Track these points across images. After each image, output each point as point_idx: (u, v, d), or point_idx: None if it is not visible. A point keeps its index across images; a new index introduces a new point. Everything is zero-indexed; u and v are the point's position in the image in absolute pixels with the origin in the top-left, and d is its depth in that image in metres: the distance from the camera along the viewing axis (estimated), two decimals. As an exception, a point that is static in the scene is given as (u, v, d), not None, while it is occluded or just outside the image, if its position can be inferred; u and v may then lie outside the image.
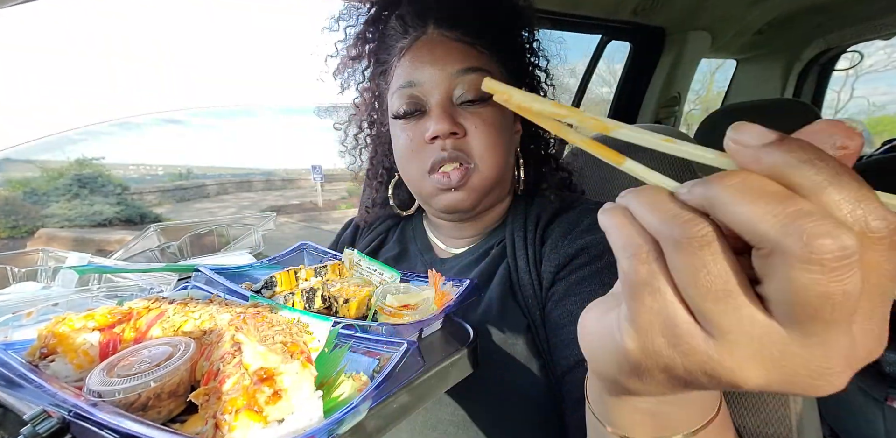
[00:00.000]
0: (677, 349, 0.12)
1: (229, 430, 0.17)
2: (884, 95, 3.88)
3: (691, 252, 0.11)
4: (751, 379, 0.12)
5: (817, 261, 0.09)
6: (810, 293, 0.10)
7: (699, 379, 0.12)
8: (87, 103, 29.59)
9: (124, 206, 5.63)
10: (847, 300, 0.10)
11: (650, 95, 1.28)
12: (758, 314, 0.11)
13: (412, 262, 0.47)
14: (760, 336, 0.11)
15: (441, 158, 0.37)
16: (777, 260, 0.10)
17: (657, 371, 0.13)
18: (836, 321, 0.10)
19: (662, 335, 0.12)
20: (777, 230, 0.10)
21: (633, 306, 0.13)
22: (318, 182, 8.16)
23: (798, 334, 0.11)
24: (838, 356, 0.11)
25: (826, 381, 0.11)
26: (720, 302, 0.11)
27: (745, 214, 0.10)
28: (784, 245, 0.10)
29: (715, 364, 0.12)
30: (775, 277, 0.10)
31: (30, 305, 0.31)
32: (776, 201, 0.10)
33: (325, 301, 0.32)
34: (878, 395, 0.75)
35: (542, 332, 0.35)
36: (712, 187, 0.11)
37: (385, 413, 0.22)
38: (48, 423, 0.19)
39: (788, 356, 0.11)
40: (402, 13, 0.40)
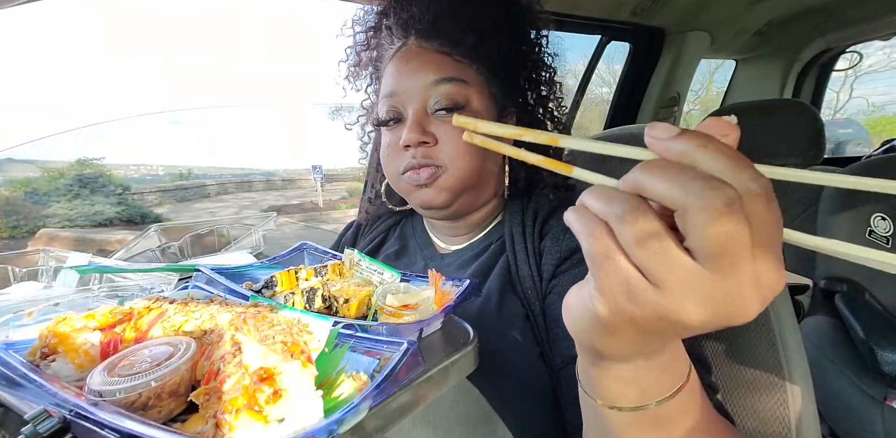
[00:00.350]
0: (634, 302, 0.16)
1: (229, 429, 0.17)
2: (883, 95, 3.89)
3: (632, 222, 0.15)
4: (692, 317, 0.15)
5: (712, 208, 0.13)
6: (714, 232, 0.13)
7: (656, 325, 0.16)
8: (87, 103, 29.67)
9: (125, 206, 5.64)
10: (741, 235, 0.13)
11: (649, 96, 1.28)
12: (687, 260, 0.14)
13: (412, 257, 0.48)
14: (691, 279, 0.14)
15: (411, 165, 0.39)
16: (689, 215, 0.14)
17: (624, 326, 0.17)
18: (738, 255, 0.14)
19: (622, 294, 0.16)
20: (683, 193, 0.14)
21: (597, 275, 0.16)
22: (318, 182, 8.16)
23: (716, 272, 0.14)
24: (749, 286, 0.14)
25: (745, 309, 0.15)
26: (658, 257, 0.15)
27: (660, 186, 0.14)
28: (689, 202, 0.14)
29: (664, 310, 0.15)
30: (691, 229, 0.14)
31: (31, 305, 0.32)
32: (679, 174, 0.14)
33: (326, 301, 0.32)
34: (877, 395, 0.75)
35: (541, 322, 0.36)
36: (636, 173, 0.15)
37: (385, 412, 0.22)
38: (49, 423, 0.19)
39: (714, 291, 0.14)
40: (390, 24, 0.42)
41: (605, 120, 1.33)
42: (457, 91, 0.39)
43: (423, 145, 0.39)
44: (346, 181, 9.08)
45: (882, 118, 3.92)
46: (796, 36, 1.38)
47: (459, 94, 0.39)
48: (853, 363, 0.80)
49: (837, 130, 2.89)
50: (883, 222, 0.86)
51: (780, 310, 0.44)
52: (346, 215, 6.57)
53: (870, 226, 0.88)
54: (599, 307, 0.17)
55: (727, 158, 0.14)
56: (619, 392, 0.21)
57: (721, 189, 0.13)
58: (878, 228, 0.87)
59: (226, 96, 44.30)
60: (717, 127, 0.16)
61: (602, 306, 0.17)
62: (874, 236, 0.87)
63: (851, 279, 0.89)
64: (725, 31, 1.22)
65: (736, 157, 0.14)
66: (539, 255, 0.39)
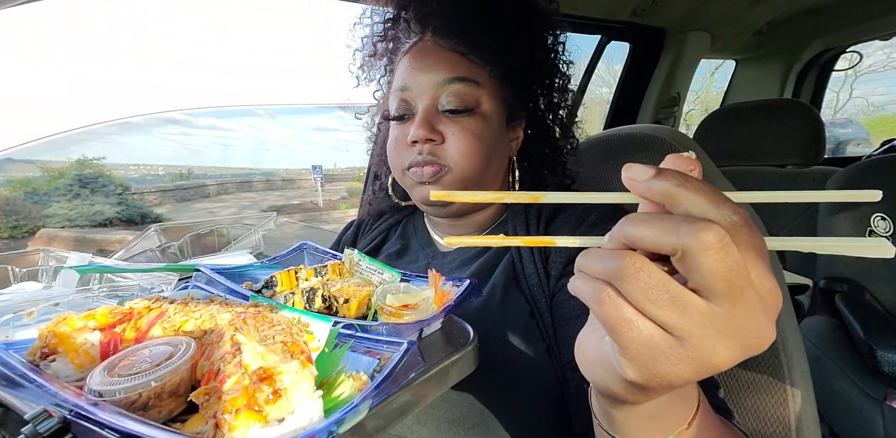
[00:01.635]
0: (667, 362, 0.15)
1: (230, 430, 0.17)
2: (882, 95, 3.88)
3: (635, 278, 0.15)
4: (724, 358, 0.15)
5: (709, 247, 0.14)
6: (717, 269, 0.14)
7: (691, 377, 0.16)
8: (87, 103, 29.59)
9: (125, 206, 5.63)
10: (740, 266, 0.14)
11: (650, 96, 1.28)
12: (700, 302, 0.15)
13: (414, 255, 0.48)
14: (711, 321, 0.15)
15: (416, 161, 0.40)
16: (688, 257, 0.14)
17: (660, 387, 0.16)
18: (742, 284, 0.14)
19: (652, 358, 0.15)
20: (676, 237, 0.14)
21: (619, 341, 0.16)
22: (318, 182, 8.16)
23: (728, 305, 0.14)
24: (759, 310, 0.15)
25: (764, 334, 0.15)
26: (673, 306, 0.15)
27: (652, 235, 0.15)
28: (685, 244, 0.14)
29: (697, 360, 0.15)
30: (693, 270, 0.14)
31: (31, 305, 0.32)
32: (665, 220, 0.15)
33: (326, 301, 0.32)
34: (877, 395, 0.75)
35: (548, 319, 0.36)
36: (624, 227, 0.16)
37: (385, 412, 0.22)
38: (49, 423, 0.19)
39: (734, 327, 0.15)
40: (408, 17, 0.41)
41: (605, 120, 1.33)
42: (468, 92, 0.39)
43: (429, 143, 0.39)
44: (346, 181, 9.08)
45: (882, 118, 3.92)
46: (796, 36, 1.38)
47: (470, 95, 0.39)
48: (853, 363, 0.80)
49: (837, 130, 2.89)
50: (883, 222, 0.86)
51: (780, 310, 0.44)
52: (346, 215, 6.56)
53: (870, 226, 0.88)
54: (631, 374, 0.16)
55: (706, 195, 0.15)
56: (642, 428, 0.20)
57: (710, 227, 0.14)
58: (878, 228, 0.87)
59: (226, 97, 44.32)
60: (682, 164, 0.16)
61: (634, 372, 0.16)
62: (874, 236, 0.87)
63: (851, 278, 0.89)
64: (725, 31, 1.22)
65: (713, 192, 0.15)
66: (545, 253, 0.39)
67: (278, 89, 46.81)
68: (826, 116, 2.70)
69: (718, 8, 1.08)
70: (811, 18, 1.25)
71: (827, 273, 0.94)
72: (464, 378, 0.30)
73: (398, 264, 0.48)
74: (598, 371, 0.18)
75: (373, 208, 0.55)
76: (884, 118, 3.91)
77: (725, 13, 1.12)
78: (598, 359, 0.18)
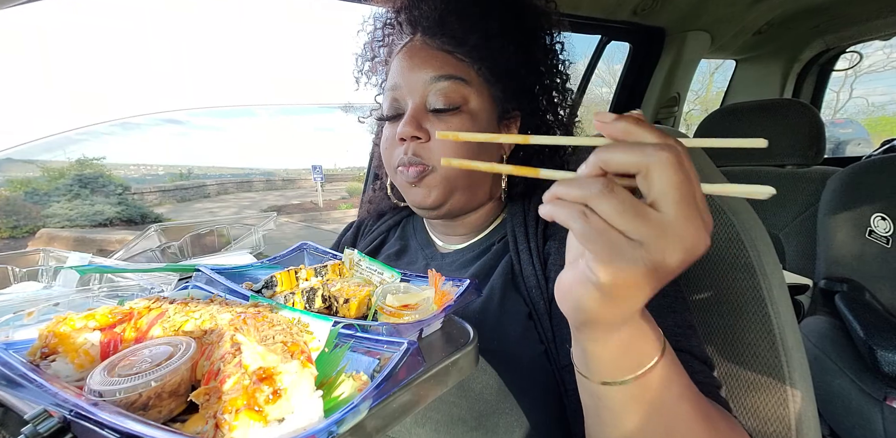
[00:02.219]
0: (630, 261, 0.19)
1: (230, 430, 0.17)
2: (882, 95, 3.88)
3: (609, 196, 0.19)
4: (675, 259, 0.19)
5: (669, 162, 0.18)
6: (675, 180, 0.18)
7: (648, 277, 0.19)
8: (87, 103, 29.57)
9: (125, 206, 5.63)
10: (690, 180, 0.18)
11: (650, 96, 1.28)
12: (657, 214, 0.19)
13: (413, 256, 0.48)
14: (665, 229, 0.18)
15: (402, 161, 0.40)
16: (652, 172, 0.18)
17: (624, 286, 0.20)
18: (691, 198, 0.18)
19: (618, 259, 0.19)
20: (643, 156, 0.18)
21: (594, 248, 0.19)
22: (318, 182, 8.16)
23: (678, 215, 0.18)
24: (700, 223, 0.19)
25: (703, 242, 0.19)
26: (636, 217, 0.18)
27: (623, 157, 0.19)
28: (650, 162, 0.18)
29: (653, 260, 0.19)
30: (654, 183, 0.18)
31: (31, 305, 0.32)
32: (633, 146, 0.19)
33: (326, 301, 0.32)
34: (877, 395, 0.75)
35: (546, 321, 0.36)
36: (599, 154, 0.20)
37: (385, 412, 0.22)
38: (49, 423, 0.19)
39: (680, 233, 0.18)
40: (401, 20, 0.43)
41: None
42: (454, 89, 0.39)
43: (415, 140, 0.40)
44: (346, 181, 9.07)
45: (882, 118, 3.92)
46: (796, 36, 1.38)
47: (457, 92, 0.39)
48: (853, 363, 0.80)
49: (837, 130, 2.89)
50: (883, 221, 0.86)
51: (780, 310, 0.44)
52: (346, 215, 6.56)
53: (870, 226, 0.88)
54: (602, 276, 0.20)
55: (656, 131, 0.19)
56: (614, 364, 0.23)
57: (669, 147, 0.18)
58: (878, 228, 0.87)
59: (226, 97, 44.28)
60: (634, 114, 0.21)
61: (604, 274, 0.20)
62: (874, 236, 0.87)
63: (851, 278, 0.89)
64: (725, 31, 1.22)
65: (659, 130, 0.19)
66: (543, 256, 0.39)
67: (278, 89, 46.83)
68: (826, 116, 2.70)
69: (718, 8, 1.08)
70: (811, 18, 1.25)
71: (827, 273, 0.94)
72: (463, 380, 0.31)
73: (397, 265, 0.47)
74: (575, 291, 0.22)
75: (373, 208, 0.55)
76: (884, 118, 3.91)
77: (725, 13, 1.12)
78: (576, 280, 0.22)
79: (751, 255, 0.45)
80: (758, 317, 0.44)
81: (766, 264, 0.45)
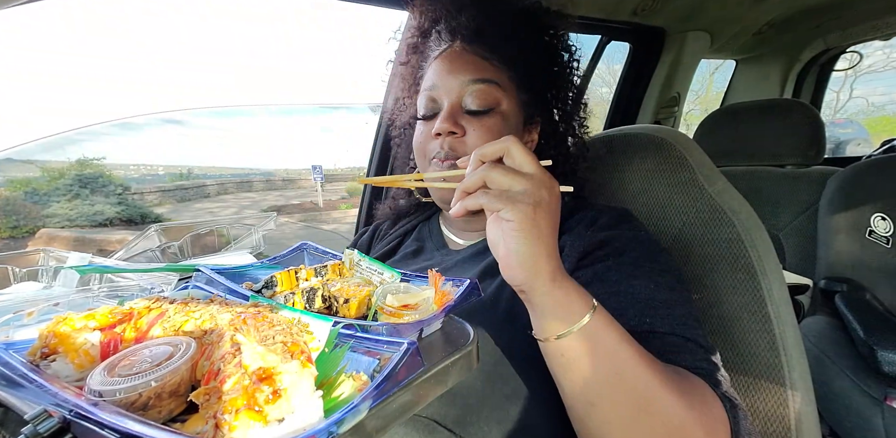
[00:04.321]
0: (525, 203, 0.28)
1: (229, 430, 0.17)
2: (882, 95, 3.88)
3: (495, 169, 0.29)
4: (546, 194, 0.29)
5: (515, 142, 0.30)
6: (523, 152, 0.30)
7: (542, 211, 0.29)
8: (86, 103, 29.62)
9: (125, 206, 5.62)
10: (530, 154, 0.30)
11: (650, 96, 1.28)
12: (522, 174, 0.29)
13: (429, 254, 0.52)
14: (532, 178, 0.29)
15: (438, 155, 0.44)
16: (510, 152, 0.30)
17: (532, 222, 0.28)
18: (534, 161, 0.30)
19: (518, 203, 0.28)
20: (501, 145, 0.30)
21: (501, 205, 0.28)
22: (318, 182, 8.15)
23: (536, 170, 0.29)
24: (546, 176, 0.30)
25: (554, 182, 0.30)
26: (516, 175, 0.29)
27: (490, 149, 0.30)
28: (506, 146, 0.30)
29: (537, 199, 0.29)
30: (514, 157, 0.30)
31: (31, 305, 0.32)
32: (493, 143, 0.31)
33: (326, 301, 0.32)
34: (877, 395, 0.75)
35: None
36: (475, 153, 0.31)
37: (385, 412, 0.22)
38: (49, 423, 0.19)
39: (542, 178, 0.30)
40: (440, 29, 0.47)
41: (605, 120, 1.33)
42: (489, 92, 0.44)
43: (451, 135, 0.43)
44: (345, 181, 9.07)
45: (882, 118, 3.92)
46: (796, 36, 1.38)
47: (491, 94, 0.44)
48: (853, 363, 0.80)
49: (837, 130, 2.89)
50: (883, 222, 0.86)
51: (780, 310, 0.44)
52: (346, 215, 6.56)
53: (869, 226, 0.88)
54: (515, 218, 0.28)
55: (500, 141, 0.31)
56: (561, 313, 0.30)
57: (511, 138, 0.30)
58: (878, 228, 0.87)
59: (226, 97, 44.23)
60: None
61: (514, 215, 0.28)
62: (874, 236, 0.87)
63: (851, 278, 0.89)
64: (726, 31, 1.22)
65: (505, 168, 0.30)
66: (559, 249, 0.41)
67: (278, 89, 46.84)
68: (826, 116, 2.70)
69: (719, 8, 1.08)
70: (811, 18, 1.25)
71: (827, 273, 0.94)
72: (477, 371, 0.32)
73: (414, 261, 0.51)
74: (509, 248, 0.29)
75: (395, 204, 0.59)
76: (884, 118, 3.91)
77: (725, 13, 1.12)
78: (505, 240, 0.29)
79: (751, 255, 0.45)
80: (758, 317, 0.44)
81: (767, 265, 0.45)
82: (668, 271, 0.39)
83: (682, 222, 0.50)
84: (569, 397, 0.32)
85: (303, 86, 49.70)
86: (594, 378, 0.30)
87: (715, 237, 0.47)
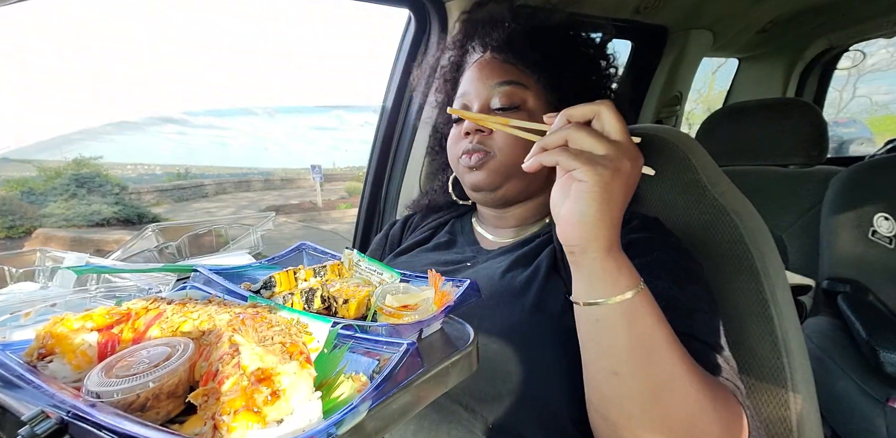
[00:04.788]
0: (603, 167, 0.28)
1: (228, 431, 0.17)
2: (886, 94, 3.86)
3: (580, 130, 0.29)
4: (628, 166, 0.29)
5: (609, 107, 0.30)
6: (615, 117, 0.30)
7: (617, 181, 0.28)
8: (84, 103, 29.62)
9: (122, 206, 5.61)
10: (623, 121, 0.30)
11: (652, 94, 1.28)
12: (609, 140, 0.29)
13: (461, 248, 0.54)
14: (617, 146, 0.29)
15: (467, 149, 0.47)
16: (601, 116, 0.30)
17: (606, 187, 0.28)
18: (625, 130, 0.30)
19: (596, 166, 0.28)
20: (593, 107, 0.30)
21: (579, 164, 0.28)
22: (317, 182, 8.15)
23: (624, 138, 0.29)
24: (632, 146, 0.30)
25: (639, 155, 0.30)
26: (600, 139, 0.29)
27: (580, 110, 0.31)
28: (598, 109, 0.30)
29: (616, 166, 0.28)
30: (604, 122, 0.30)
31: (28, 305, 0.31)
32: (584, 103, 0.31)
33: (325, 302, 0.32)
34: (879, 396, 0.75)
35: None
36: (563, 112, 0.31)
37: (385, 413, 0.22)
38: (46, 424, 0.19)
39: (628, 147, 0.30)
40: (474, 43, 0.52)
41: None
42: (514, 92, 0.47)
43: (479, 133, 0.47)
44: (345, 181, 9.06)
45: (886, 117, 3.90)
46: (799, 34, 1.37)
47: (516, 94, 0.47)
48: (856, 364, 0.80)
49: (841, 129, 2.88)
50: (886, 222, 0.86)
51: (782, 311, 0.43)
52: (345, 215, 6.55)
53: (873, 226, 0.87)
54: (589, 179, 0.28)
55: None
56: (606, 285, 0.30)
57: (606, 101, 0.30)
58: (882, 228, 0.87)
59: (225, 97, 44.26)
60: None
61: (590, 177, 0.28)
62: (877, 237, 0.87)
63: (854, 279, 0.89)
64: (728, 29, 1.21)
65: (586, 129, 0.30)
66: None
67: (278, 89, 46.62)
68: (829, 116, 2.69)
69: (721, 6, 1.07)
70: (814, 17, 1.25)
71: (829, 274, 0.94)
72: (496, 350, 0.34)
73: (447, 253, 0.53)
74: (575, 208, 0.29)
75: (430, 199, 0.62)
76: (888, 117, 3.89)
77: (728, 11, 1.11)
78: (573, 198, 0.29)
79: (754, 256, 0.45)
80: (760, 318, 0.44)
81: (769, 265, 0.44)
82: (696, 282, 0.39)
83: (684, 222, 0.49)
84: (593, 363, 0.32)
85: (301, 86, 49.65)
86: (623, 349, 0.30)
87: (718, 238, 0.47)
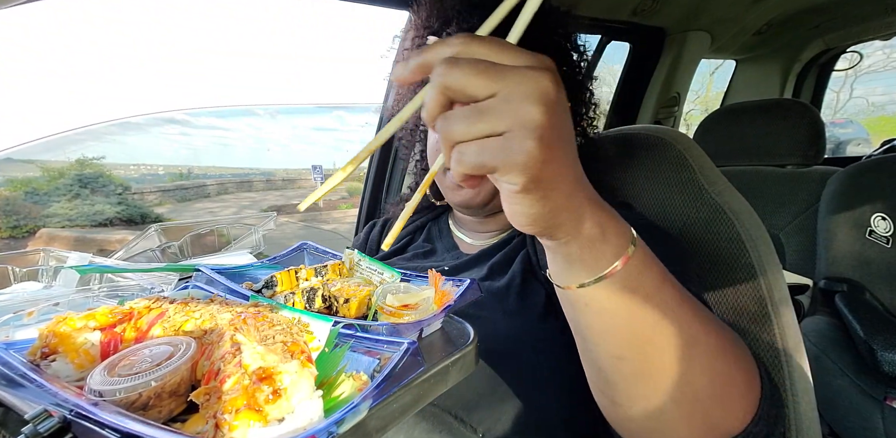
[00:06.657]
0: (538, 155, 0.19)
1: (229, 429, 0.17)
2: (882, 95, 3.87)
3: (455, 77, 0.20)
4: (534, 112, 0.19)
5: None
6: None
7: (558, 143, 0.20)
8: (87, 103, 29.61)
9: (125, 206, 5.61)
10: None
11: (650, 96, 1.28)
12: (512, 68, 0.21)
13: (441, 257, 0.53)
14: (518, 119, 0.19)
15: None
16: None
17: (544, 181, 0.20)
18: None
19: (528, 171, 0.19)
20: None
21: (499, 176, 0.21)
22: (318, 182, 8.14)
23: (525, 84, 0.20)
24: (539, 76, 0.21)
25: (556, 91, 0.20)
26: (484, 83, 0.20)
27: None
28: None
29: (542, 138, 0.19)
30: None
31: (31, 304, 0.32)
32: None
33: (326, 301, 0.32)
34: (877, 394, 0.75)
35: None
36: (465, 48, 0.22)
37: (385, 412, 0.22)
38: (49, 422, 0.19)
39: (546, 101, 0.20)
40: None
41: (605, 120, 1.33)
42: None
43: None
44: (345, 181, 9.04)
45: (882, 118, 3.91)
46: (796, 36, 1.38)
47: None
48: (853, 363, 0.80)
49: (837, 130, 2.89)
50: (883, 222, 0.86)
51: (780, 310, 0.44)
52: (346, 215, 6.55)
53: (870, 226, 0.88)
54: (524, 184, 0.20)
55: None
56: (588, 263, 0.23)
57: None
58: (879, 228, 0.87)
59: (226, 97, 44.21)
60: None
61: (522, 182, 0.19)
62: (874, 236, 0.87)
63: (852, 278, 0.89)
64: (726, 30, 1.22)
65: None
66: None
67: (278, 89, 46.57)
68: (826, 116, 2.70)
69: (718, 8, 1.08)
70: (811, 18, 1.25)
71: (827, 273, 0.94)
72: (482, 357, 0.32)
73: (425, 263, 0.53)
74: (520, 219, 0.22)
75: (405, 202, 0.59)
76: (884, 118, 3.90)
77: (725, 13, 1.12)
78: (512, 212, 0.22)
79: (751, 255, 0.45)
80: (758, 317, 0.44)
81: (767, 264, 0.45)
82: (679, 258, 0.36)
83: (682, 222, 0.50)
84: (591, 351, 0.27)
85: (302, 86, 49.64)
86: (626, 330, 0.24)
87: (715, 237, 0.47)
